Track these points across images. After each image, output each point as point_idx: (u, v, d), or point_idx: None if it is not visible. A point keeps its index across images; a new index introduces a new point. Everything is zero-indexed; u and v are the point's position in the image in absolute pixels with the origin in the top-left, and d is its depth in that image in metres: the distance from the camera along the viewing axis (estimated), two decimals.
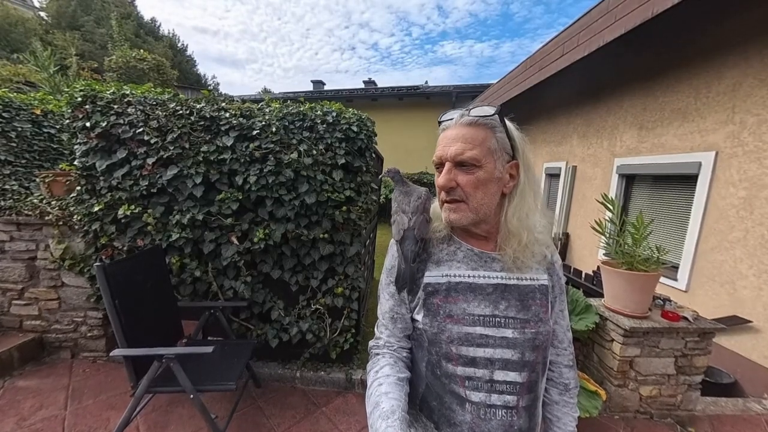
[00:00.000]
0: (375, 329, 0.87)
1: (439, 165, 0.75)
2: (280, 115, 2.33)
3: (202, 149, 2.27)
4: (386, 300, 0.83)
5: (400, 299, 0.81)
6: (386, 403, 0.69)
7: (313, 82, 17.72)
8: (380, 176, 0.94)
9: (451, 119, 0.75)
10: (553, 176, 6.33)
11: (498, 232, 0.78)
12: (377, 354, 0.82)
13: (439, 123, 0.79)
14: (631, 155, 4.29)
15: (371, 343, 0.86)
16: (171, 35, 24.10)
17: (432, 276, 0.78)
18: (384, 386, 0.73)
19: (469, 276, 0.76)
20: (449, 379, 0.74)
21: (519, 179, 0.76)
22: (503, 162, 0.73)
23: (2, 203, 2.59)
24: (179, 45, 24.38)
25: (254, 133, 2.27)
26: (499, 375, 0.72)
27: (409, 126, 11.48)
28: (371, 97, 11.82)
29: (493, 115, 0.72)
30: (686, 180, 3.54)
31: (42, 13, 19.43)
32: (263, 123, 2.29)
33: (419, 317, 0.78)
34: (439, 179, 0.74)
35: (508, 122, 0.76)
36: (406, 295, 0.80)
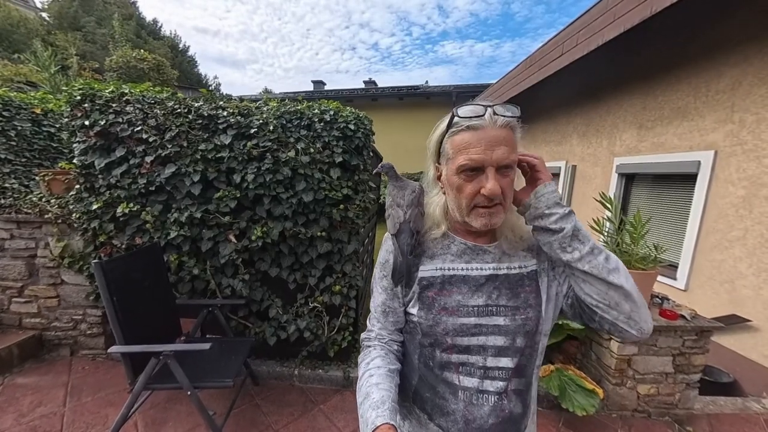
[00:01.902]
0: (367, 322, 0.88)
1: (473, 170, 0.69)
2: (278, 113, 2.34)
3: (200, 147, 2.28)
4: (379, 294, 0.84)
5: (393, 293, 0.81)
6: (377, 393, 0.69)
7: (313, 82, 17.74)
8: (374, 170, 0.92)
9: (481, 116, 0.67)
10: (552, 176, 6.32)
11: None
12: (368, 346, 0.83)
13: (456, 117, 0.70)
14: (631, 154, 4.28)
15: (363, 335, 0.87)
16: (173, 36, 24.17)
17: (426, 270, 0.79)
18: (375, 377, 0.74)
19: (462, 269, 0.77)
20: (442, 369, 0.75)
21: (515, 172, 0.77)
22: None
23: (2, 201, 2.61)
24: (181, 46, 24.45)
25: (252, 131, 2.28)
26: (492, 361, 0.73)
27: (409, 126, 11.48)
28: (371, 97, 11.83)
29: (520, 116, 0.70)
30: (686, 179, 3.53)
31: (44, 14, 19.51)
32: (261, 121, 2.30)
33: (414, 310, 0.78)
34: (492, 187, 0.67)
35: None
36: (400, 289, 0.81)
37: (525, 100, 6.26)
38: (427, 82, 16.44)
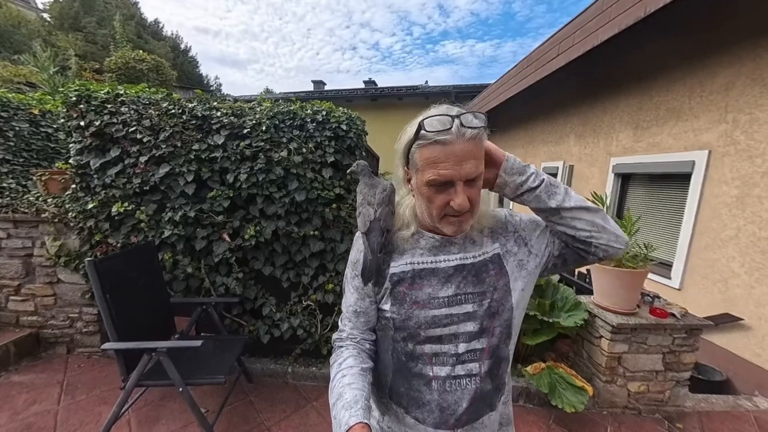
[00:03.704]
0: (339, 322, 0.89)
1: (443, 184, 0.69)
2: (271, 114, 2.36)
3: (193, 147, 2.30)
4: (351, 294, 0.85)
5: (364, 293, 0.82)
6: (349, 393, 0.70)
7: (313, 82, 17.76)
8: (348, 170, 0.93)
9: (448, 130, 0.66)
10: (550, 176, 6.34)
11: None
12: (340, 346, 0.84)
13: (422, 130, 0.68)
14: (627, 154, 4.29)
15: (334, 335, 0.87)
16: (174, 36, 24.21)
17: (397, 265, 0.80)
18: (347, 377, 0.75)
19: (431, 261, 0.79)
20: (416, 362, 0.77)
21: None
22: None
23: (0, 201, 2.63)
24: (182, 46, 24.49)
25: (245, 131, 2.31)
26: (463, 347, 0.75)
27: None
28: (371, 97, 11.85)
29: (486, 125, 0.70)
30: (680, 179, 3.55)
31: (45, 15, 19.57)
32: (254, 122, 2.32)
33: (386, 306, 0.79)
34: (461, 202, 0.68)
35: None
36: (371, 288, 0.81)
37: (523, 100, 6.28)
38: (426, 82, 16.44)
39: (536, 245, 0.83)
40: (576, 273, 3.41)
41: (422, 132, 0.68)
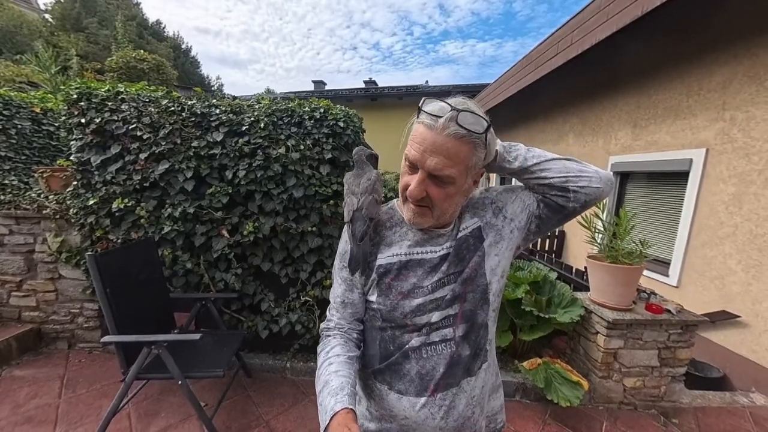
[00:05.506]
0: (327, 312, 0.90)
1: (413, 165, 0.71)
2: (269, 111, 2.38)
3: (192, 144, 2.33)
4: (338, 285, 0.86)
5: (352, 284, 0.83)
6: (335, 380, 0.72)
7: (314, 82, 17.76)
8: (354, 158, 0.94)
9: (439, 118, 0.66)
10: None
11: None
12: (328, 336, 0.85)
13: (420, 110, 0.70)
14: (626, 153, 4.30)
15: (322, 325, 0.88)
16: (175, 37, 24.31)
17: (384, 257, 0.80)
18: (334, 365, 0.75)
19: (418, 253, 0.79)
20: (400, 348, 0.78)
21: (480, 180, 0.80)
22: (475, 174, 0.75)
23: (2, 198, 2.66)
24: (183, 46, 24.58)
25: (243, 128, 2.34)
26: (436, 316, 0.76)
27: None
28: (371, 96, 11.86)
29: (482, 133, 0.68)
30: (678, 177, 3.56)
31: (47, 15, 19.67)
32: (252, 119, 2.34)
33: (373, 298, 0.80)
34: (412, 189, 0.71)
35: (489, 134, 0.71)
36: (359, 279, 0.82)
37: (522, 100, 6.29)
38: (426, 81, 16.47)
39: (510, 209, 0.82)
40: (574, 271, 3.42)
41: (421, 109, 0.71)
